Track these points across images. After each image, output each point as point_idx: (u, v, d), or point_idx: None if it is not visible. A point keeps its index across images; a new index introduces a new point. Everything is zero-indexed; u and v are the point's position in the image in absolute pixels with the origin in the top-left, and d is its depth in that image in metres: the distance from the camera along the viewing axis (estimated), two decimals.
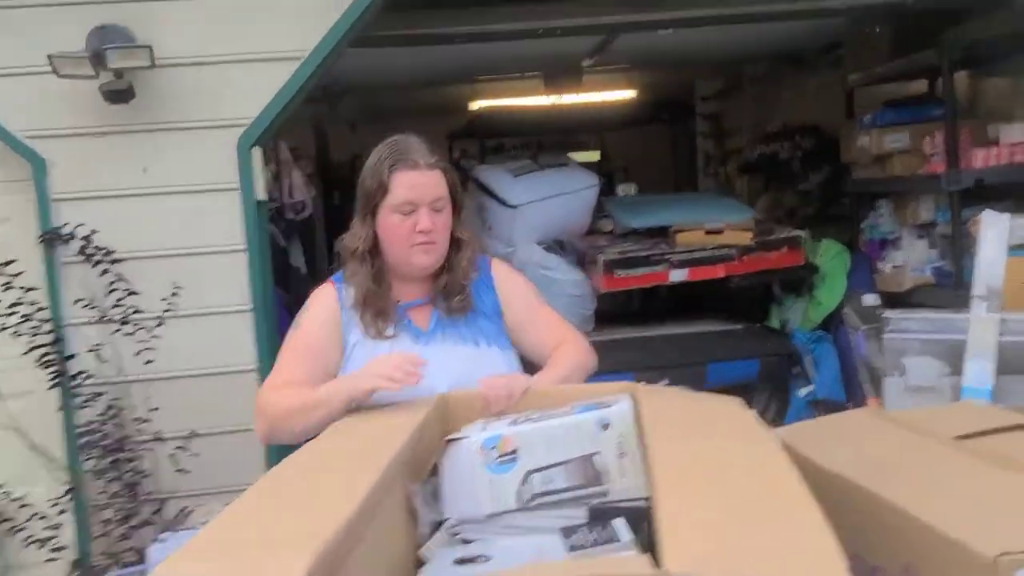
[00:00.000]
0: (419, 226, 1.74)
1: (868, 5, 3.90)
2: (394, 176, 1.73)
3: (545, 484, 1.42)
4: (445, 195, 1.78)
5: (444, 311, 1.82)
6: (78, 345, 2.96)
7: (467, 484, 1.46)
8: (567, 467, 1.44)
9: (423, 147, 1.78)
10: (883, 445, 1.68)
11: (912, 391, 3.57)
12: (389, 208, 1.74)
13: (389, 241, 1.77)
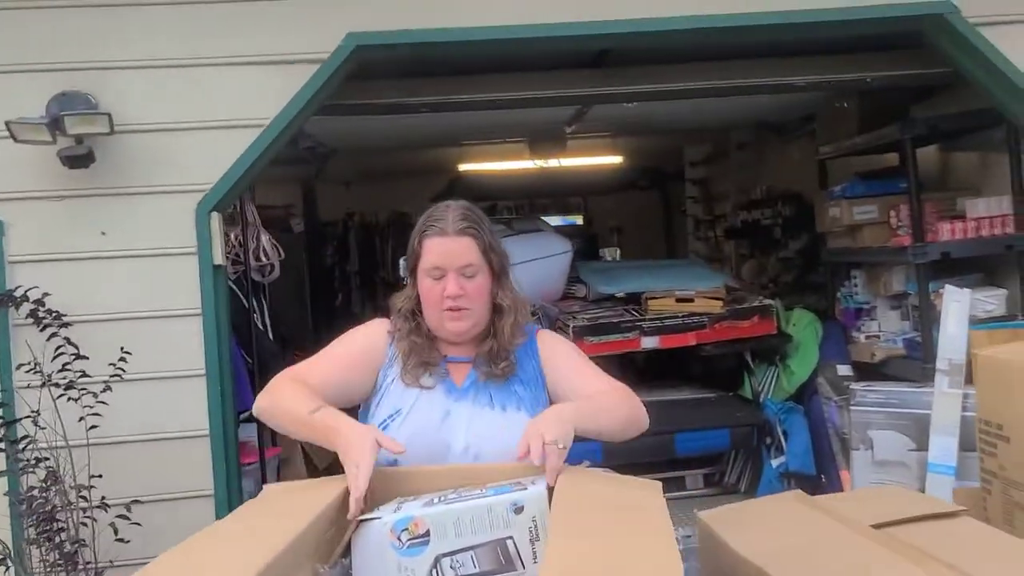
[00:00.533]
0: (446, 291, 1.78)
1: (830, 81, 3.95)
2: (424, 242, 1.81)
3: (456, 569, 1.40)
4: (476, 261, 1.81)
5: (484, 375, 1.84)
6: (22, 410, 2.93)
7: (377, 567, 1.44)
8: (478, 551, 1.42)
9: (455, 214, 1.82)
10: (800, 533, 1.65)
11: (879, 465, 3.53)
12: (423, 272, 1.81)
13: (424, 304, 1.83)
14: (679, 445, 3.99)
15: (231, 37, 3.17)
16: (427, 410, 1.79)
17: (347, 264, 8.73)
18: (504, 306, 1.86)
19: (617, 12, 3.26)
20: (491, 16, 3.23)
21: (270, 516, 1.60)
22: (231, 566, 1.31)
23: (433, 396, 1.82)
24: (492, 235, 1.86)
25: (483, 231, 1.83)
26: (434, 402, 1.81)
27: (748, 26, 3.32)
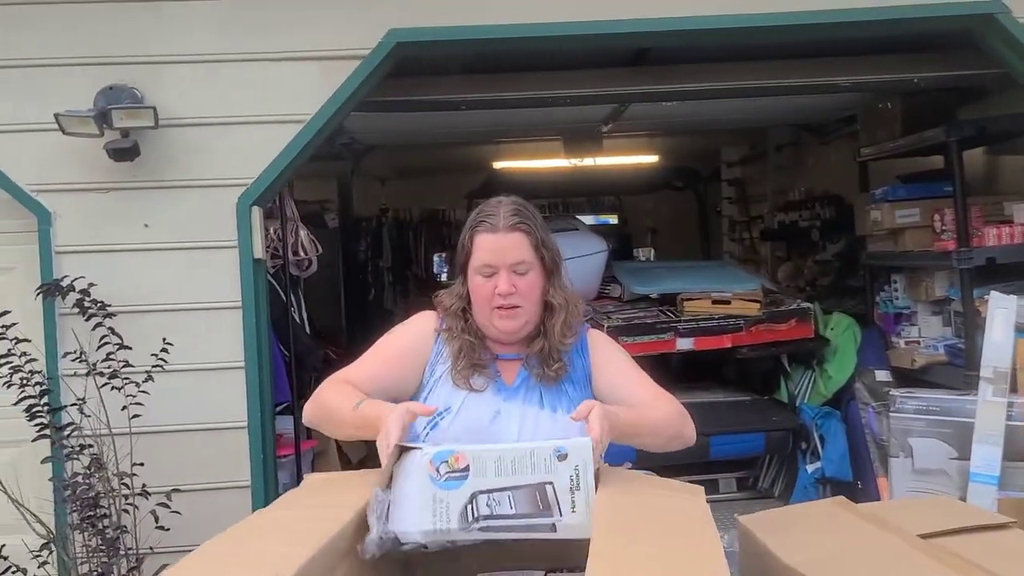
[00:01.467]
0: (498, 288, 1.76)
1: (876, 81, 3.88)
2: (475, 238, 1.78)
3: (492, 508, 1.38)
4: (528, 258, 1.78)
5: (536, 376, 1.82)
6: (68, 398, 2.99)
7: (413, 496, 1.42)
8: (516, 493, 1.39)
9: (507, 209, 1.79)
10: (846, 541, 1.62)
11: (919, 473, 3.47)
12: (473, 269, 1.79)
13: (474, 302, 1.81)
14: (714, 448, 3.96)
15: (274, 33, 3.20)
16: (477, 409, 1.77)
17: (380, 260, 8.77)
18: (555, 304, 1.82)
19: (659, 10, 3.24)
20: (532, 14, 3.22)
21: (313, 507, 1.60)
22: (274, 557, 1.31)
23: (483, 396, 1.80)
24: (544, 231, 1.83)
25: (535, 227, 1.80)
26: (484, 402, 1.79)
27: (792, 25, 3.28)
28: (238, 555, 1.36)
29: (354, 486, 1.67)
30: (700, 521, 1.45)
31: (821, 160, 6.49)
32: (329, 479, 1.83)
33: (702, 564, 1.24)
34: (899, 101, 4.39)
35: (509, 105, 3.99)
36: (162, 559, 2.94)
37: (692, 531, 1.40)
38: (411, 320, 1.92)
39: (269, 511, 1.65)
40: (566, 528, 1.37)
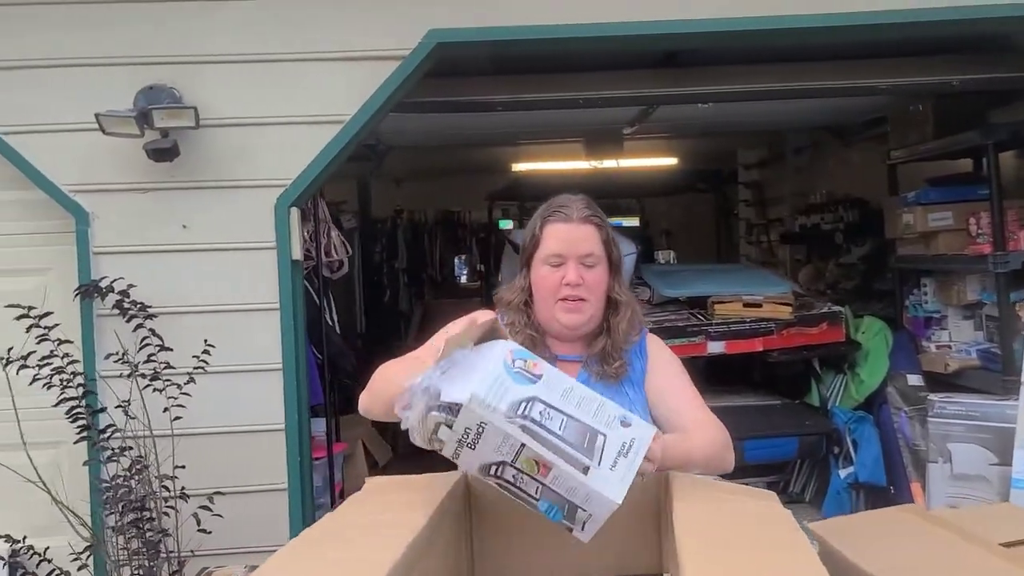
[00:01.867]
0: (566, 279, 1.75)
1: (914, 84, 3.86)
2: (545, 228, 1.78)
3: (543, 417, 1.36)
4: (598, 252, 1.77)
5: (596, 375, 1.79)
6: (107, 399, 2.97)
7: (478, 367, 1.39)
8: (571, 421, 1.38)
9: (579, 203, 1.79)
10: (928, 550, 1.60)
11: (957, 479, 3.44)
12: (540, 260, 1.78)
13: (538, 294, 1.80)
14: (747, 453, 3.92)
15: (314, 33, 3.18)
16: None
17: (395, 261, 8.77)
18: (620, 301, 1.81)
19: (692, 12, 3.21)
20: (570, 15, 3.20)
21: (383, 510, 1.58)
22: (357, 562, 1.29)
23: None
24: (611, 228, 1.82)
25: (605, 222, 1.80)
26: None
27: (829, 27, 3.25)
28: (321, 560, 1.35)
29: (418, 488, 1.66)
30: (789, 527, 1.43)
31: (842, 163, 6.46)
32: (391, 481, 1.81)
33: (800, 570, 1.22)
34: (931, 104, 4.36)
35: (543, 106, 3.97)
36: (202, 562, 2.93)
37: (782, 537, 1.38)
38: (470, 316, 1.89)
39: (340, 515, 1.63)
40: (596, 478, 1.32)
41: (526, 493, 1.37)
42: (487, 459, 1.35)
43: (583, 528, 1.37)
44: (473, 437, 1.33)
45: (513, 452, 1.33)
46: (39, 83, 3.12)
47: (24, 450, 2.86)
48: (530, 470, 1.33)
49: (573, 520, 1.37)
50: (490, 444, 1.33)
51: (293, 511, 3.19)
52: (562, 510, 1.36)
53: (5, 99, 3.11)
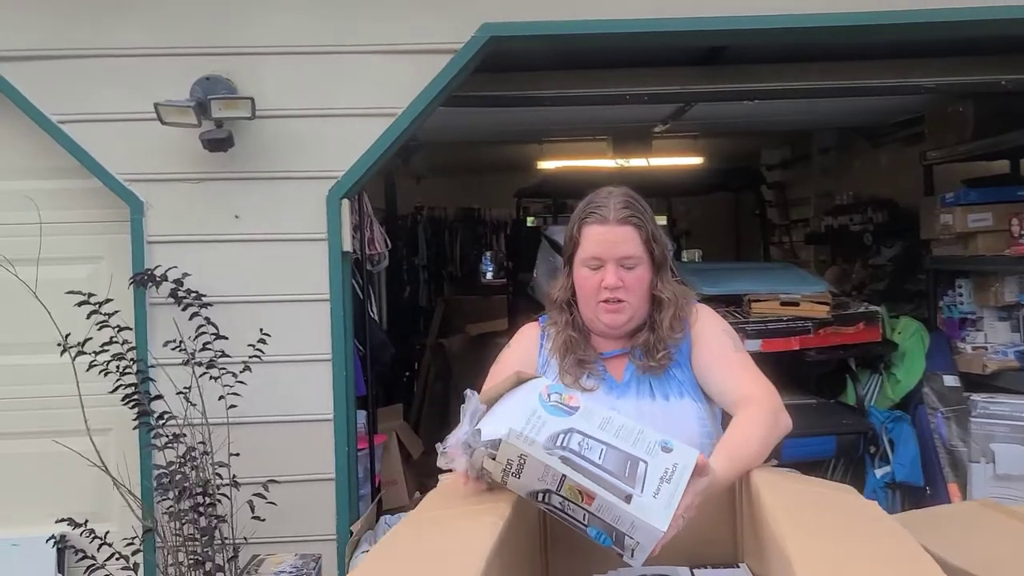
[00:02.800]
0: (604, 282, 1.74)
1: (962, 83, 3.86)
2: (583, 230, 1.77)
3: (582, 448, 1.36)
4: (637, 253, 1.75)
5: (642, 368, 1.78)
6: (162, 386, 2.99)
7: (516, 404, 1.42)
8: (610, 450, 1.37)
9: (618, 201, 1.76)
10: (1010, 543, 1.60)
11: (1000, 479, 3.45)
12: (580, 262, 1.78)
13: (580, 294, 1.79)
14: (785, 451, 3.89)
15: (368, 25, 3.20)
16: None
17: (415, 257, 8.80)
18: (664, 299, 1.79)
19: (744, 8, 3.22)
20: (623, 10, 3.20)
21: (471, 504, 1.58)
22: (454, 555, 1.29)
23: (595, 396, 1.77)
24: (654, 224, 1.79)
25: (646, 220, 1.77)
26: (597, 401, 1.73)
27: (878, 24, 3.25)
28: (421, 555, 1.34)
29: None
30: (884, 518, 1.44)
31: (870, 163, 6.46)
32: None
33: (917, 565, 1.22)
34: (971, 104, 4.36)
35: (589, 102, 3.98)
36: (253, 549, 2.95)
37: (883, 527, 1.39)
38: (513, 339, 1.91)
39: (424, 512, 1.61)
40: (639, 507, 1.31)
41: (574, 519, 1.36)
42: (533, 487, 1.36)
43: (632, 555, 1.36)
44: (516, 468, 1.34)
45: (556, 482, 1.33)
46: (96, 72, 3.14)
47: (88, 435, 2.89)
48: (575, 499, 1.33)
49: (622, 547, 1.35)
50: (533, 475, 1.34)
51: (340, 500, 3.21)
52: (610, 536, 1.35)
53: (63, 88, 3.13)
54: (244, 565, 2.83)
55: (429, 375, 6.88)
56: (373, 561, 1.31)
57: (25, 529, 3.24)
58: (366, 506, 3.51)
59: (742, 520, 1.64)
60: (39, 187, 3.20)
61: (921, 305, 5.07)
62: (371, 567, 1.28)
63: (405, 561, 1.29)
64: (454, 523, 1.45)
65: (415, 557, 1.31)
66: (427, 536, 1.42)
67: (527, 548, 1.55)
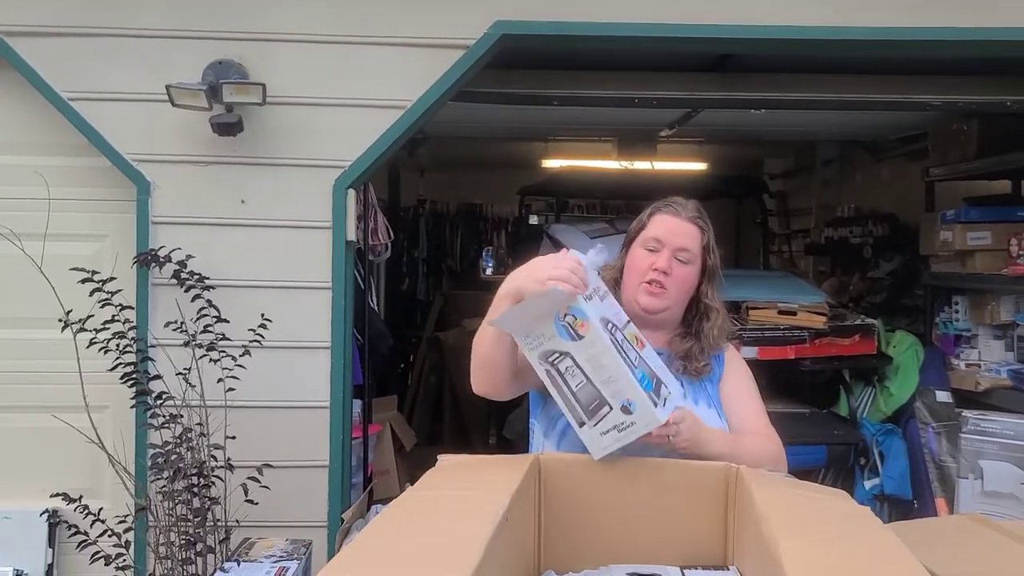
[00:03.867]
0: (656, 264, 1.82)
1: (966, 102, 3.88)
2: (654, 216, 1.89)
3: (567, 373, 1.58)
4: (694, 250, 1.85)
5: (680, 368, 1.86)
6: (161, 366, 3.01)
7: (538, 309, 1.57)
8: (589, 385, 1.57)
9: (690, 204, 1.91)
10: (995, 557, 1.63)
11: (988, 496, 3.47)
12: (639, 242, 1.87)
13: (628, 274, 1.88)
14: None
15: (381, 17, 3.21)
16: None
17: (416, 250, 8.81)
18: (712, 307, 1.88)
19: (757, 17, 3.23)
20: (637, 13, 3.22)
21: (466, 487, 1.61)
22: (459, 532, 1.31)
23: None
24: (714, 239, 1.90)
25: (709, 230, 1.88)
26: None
27: (884, 41, 3.26)
28: (420, 532, 1.37)
29: (494, 466, 1.70)
30: (875, 523, 1.47)
31: (872, 177, 6.49)
32: (461, 461, 1.84)
33: (904, 568, 1.25)
34: (976, 123, 4.39)
35: (598, 103, 3.99)
36: (245, 532, 2.97)
37: (873, 533, 1.41)
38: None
39: (424, 489, 1.65)
40: (584, 433, 1.60)
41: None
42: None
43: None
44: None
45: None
46: (109, 51, 3.15)
47: (86, 412, 2.90)
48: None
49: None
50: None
51: (332, 488, 3.23)
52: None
53: (76, 65, 3.14)
54: (235, 548, 2.85)
55: (424, 368, 6.91)
56: (373, 534, 1.33)
57: (17, 502, 3.27)
58: (358, 495, 3.54)
59: (733, 522, 1.66)
60: (47, 163, 3.22)
61: (917, 320, 5.11)
62: (371, 540, 1.31)
63: (406, 537, 1.32)
64: (455, 504, 1.48)
65: (416, 534, 1.34)
66: (429, 515, 1.44)
67: (523, 535, 1.57)
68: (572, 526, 1.65)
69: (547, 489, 1.66)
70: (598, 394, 1.56)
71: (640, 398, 1.55)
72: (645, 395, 1.56)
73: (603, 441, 1.59)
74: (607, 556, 1.64)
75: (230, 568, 2.63)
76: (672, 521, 1.66)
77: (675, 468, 1.66)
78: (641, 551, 1.64)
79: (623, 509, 1.63)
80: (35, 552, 3.23)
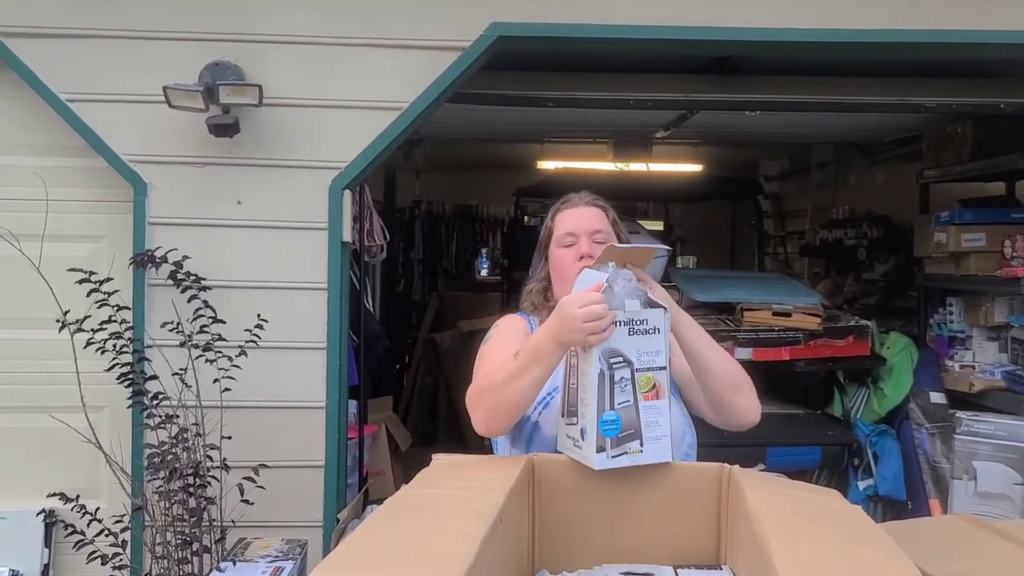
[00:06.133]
0: (580, 252, 1.88)
1: (962, 104, 3.90)
2: (557, 216, 1.96)
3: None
4: (606, 229, 1.93)
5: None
6: (157, 367, 3.01)
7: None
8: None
9: (584, 193, 2.00)
10: (986, 556, 1.64)
11: (981, 497, 3.49)
12: (555, 244, 1.94)
13: (557, 275, 1.93)
14: (770, 459, 3.97)
15: (378, 19, 3.22)
16: None
17: (411, 252, 8.82)
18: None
19: (753, 20, 3.25)
20: (633, 15, 3.23)
21: (460, 486, 1.61)
22: (452, 532, 1.32)
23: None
24: (616, 214, 1.99)
25: (609, 208, 1.98)
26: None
27: (879, 43, 3.28)
28: (414, 531, 1.38)
29: (488, 466, 1.71)
30: (867, 523, 1.48)
31: (866, 179, 6.52)
32: (455, 460, 1.85)
33: (895, 567, 1.26)
34: (970, 125, 4.41)
35: (595, 105, 4.01)
36: (240, 532, 2.97)
37: (866, 532, 1.42)
38: (500, 323, 2.01)
39: (419, 488, 1.66)
40: (560, 427, 1.66)
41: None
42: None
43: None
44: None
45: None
46: (107, 52, 3.15)
47: (83, 412, 2.91)
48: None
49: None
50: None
51: (328, 488, 3.23)
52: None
53: (73, 66, 3.14)
54: (231, 547, 2.86)
55: (420, 369, 6.91)
56: (367, 532, 1.34)
57: (13, 502, 3.27)
58: (353, 495, 3.54)
59: (726, 521, 1.67)
60: (44, 164, 3.22)
61: (911, 321, 5.13)
62: (365, 538, 1.31)
63: (400, 536, 1.32)
64: (449, 503, 1.49)
65: (410, 533, 1.34)
66: (423, 514, 1.45)
67: (517, 534, 1.58)
68: (566, 526, 1.66)
69: (541, 489, 1.67)
70: (577, 404, 1.61)
71: (590, 437, 1.56)
72: (595, 437, 1.55)
73: (564, 441, 1.65)
74: (601, 556, 1.65)
75: (226, 568, 2.63)
76: (665, 521, 1.67)
77: (668, 467, 1.67)
78: (634, 551, 1.65)
79: (617, 509, 1.63)
80: (31, 552, 3.23)
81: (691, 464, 1.71)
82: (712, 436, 3.97)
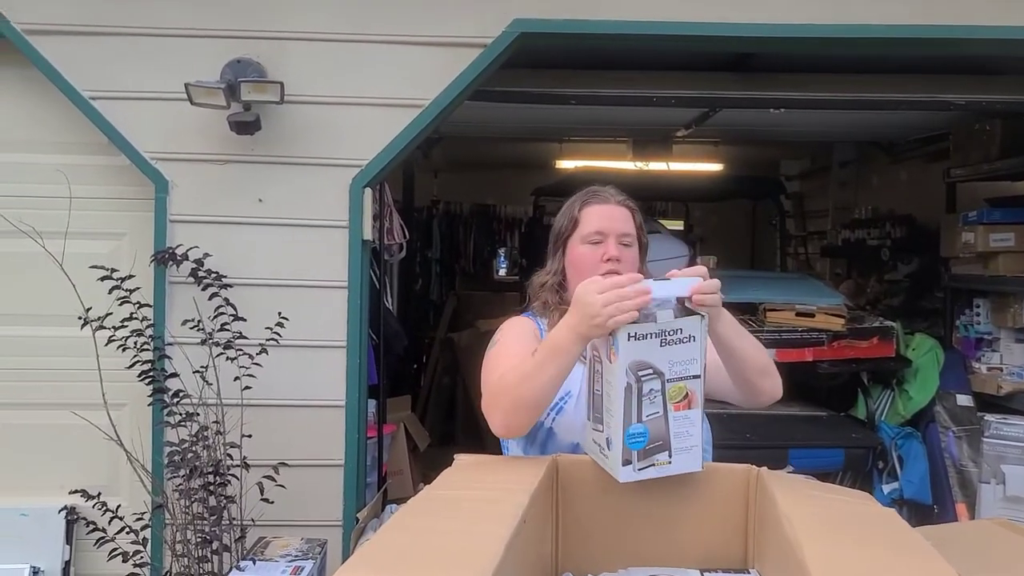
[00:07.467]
0: (607, 254, 1.81)
1: (991, 101, 3.84)
2: (584, 210, 1.87)
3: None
4: (633, 232, 1.87)
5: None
6: (178, 364, 3.01)
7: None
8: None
9: (614, 190, 1.91)
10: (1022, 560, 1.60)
11: (1010, 501, 3.43)
12: (578, 240, 1.86)
13: (577, 271, 1.84)
14: (792, 461, 3.92)
15: (399, 16, 3.20)
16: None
17: (429, 251, 8.82)
18: None
19: (777, 16, 3.21)
20: (656, 11, 3.20)
21: (484, 487, 1.59)
22: (478, 534, 1.30)
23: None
24: (641, 216, 1.93)
25: (637, 212, 1.91)
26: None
27: (906, 39, 3.23)
28: (438, 532, 1.36)
29: (511, 467, 1.69)
30: (902, 526, 1.44)
31: (889, 178, 6.44)
32: (478, 461, 1.82)
33: (934, 571, 1.22)
34: (998, 123, 4.34)
35: (616, 102, 3.98)
36: (260, 531, 2.97)
37: (901, 536, 1.39)
38: (508, 325, 1.92)
39: (441, 488, 1.63)
40: (586, 429, 1.60)
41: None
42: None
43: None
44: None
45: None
46: (129, 50, 3.16)
47: (105, 409, 2.91)
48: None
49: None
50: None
51: (347, 487, 3.22)
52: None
53: (96, 64, 3.15)
54: (251, 546, 2.85)
55: (437, 368, 6.90)
56: (390, 533, 1.32)
57: (34, 499, 3.28)
58: (372, 494, 3.53)
59: (754, 524, 1.64)
60: (66, 161, 3.23)
61: (936, 322, 5.06)
62: (388, 539, 1.30)
63: (423, 537, 1.30)
64: (473, 505, 1.47)
65: (434, 534, 1.32)
66: (446, 515, 1.43)
67: (541, 536, 1.56)
68: (590, 528, 1.63)
69: (565, 490, 1.65)
70: (602, 412, 1.54)
71: (616, 449, 1.50)
72: (621, 449, 1.49)
73: (591, 446, 1.60)
74: (626, 558, 1.62)
75: (246, 567, 2.63)
76: (691, 523, 1.64)
77: None
78: (660, 553, 1.62)
79: (642, 511, 1.61)
80: (52, 549, 3.24)
81: (718, 465, 1.67)
82: (733, 438, 3.95)
